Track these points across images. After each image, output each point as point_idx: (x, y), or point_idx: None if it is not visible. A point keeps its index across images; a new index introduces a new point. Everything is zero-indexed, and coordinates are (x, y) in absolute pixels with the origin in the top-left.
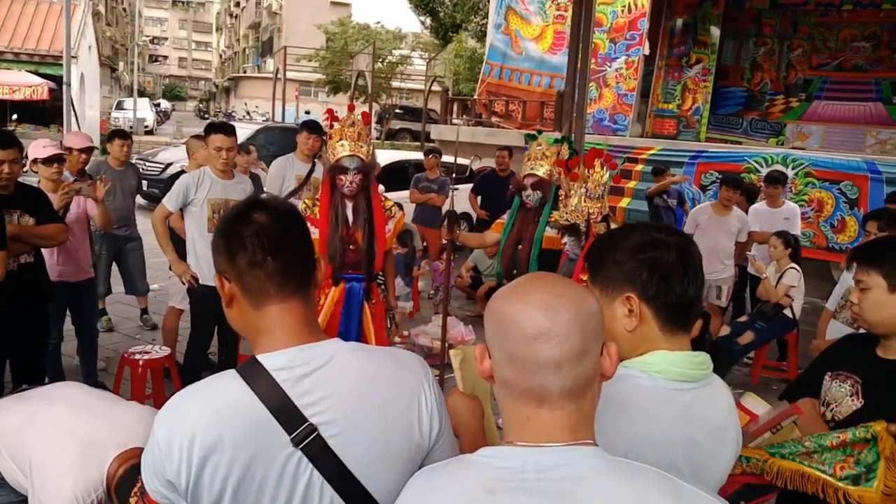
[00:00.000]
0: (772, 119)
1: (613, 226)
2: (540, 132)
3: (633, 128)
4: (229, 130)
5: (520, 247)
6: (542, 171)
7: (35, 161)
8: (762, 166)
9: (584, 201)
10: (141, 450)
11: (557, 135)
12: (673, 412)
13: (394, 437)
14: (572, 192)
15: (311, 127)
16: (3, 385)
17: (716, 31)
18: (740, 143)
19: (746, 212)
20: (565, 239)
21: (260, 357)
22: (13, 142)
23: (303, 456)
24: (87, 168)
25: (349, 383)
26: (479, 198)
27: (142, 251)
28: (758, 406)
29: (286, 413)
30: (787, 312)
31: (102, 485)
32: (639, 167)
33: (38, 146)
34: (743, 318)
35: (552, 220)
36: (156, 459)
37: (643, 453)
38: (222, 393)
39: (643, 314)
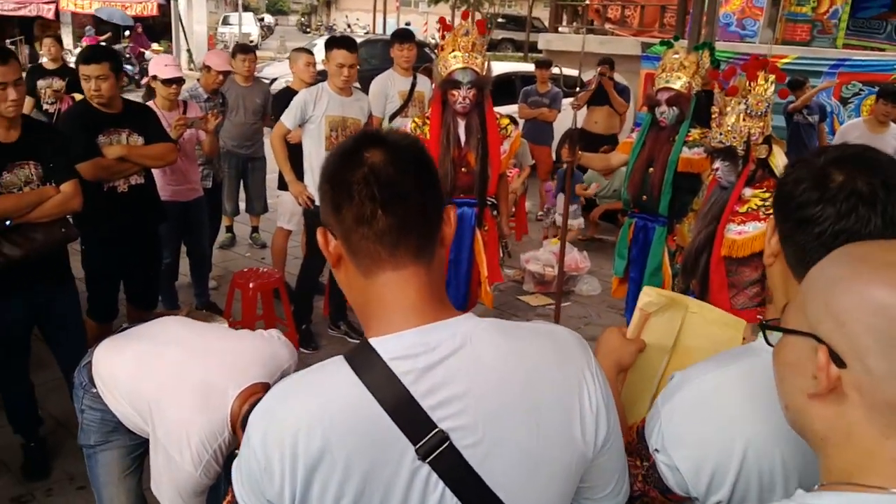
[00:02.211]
0: None
1: (776, 148)
2: (677, 38)
3: (763, 33)
4: (351, 46)
5: (651, 170)
6: (679, 85)
7: (154, 78)
8: None
9: (744, 119)
10: (262, 384)
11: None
12: None
13: (548, 446)
14: (729, 108)
15: (402, 36)
16: (117, 307)
17: None
18: (883, 49)
19: None
20: (717, 163)
21: (373, 342)
22: (102, 57)
23: (431, 471)
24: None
25: (489, 376)
26: None
27: (264, 172)
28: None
29: (410, 416)
30: None
31: (227, 427)
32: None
33: (160, 63)
34: None
35: (690, 139)
36: (252, 472)
37: None
38: (329, 388)
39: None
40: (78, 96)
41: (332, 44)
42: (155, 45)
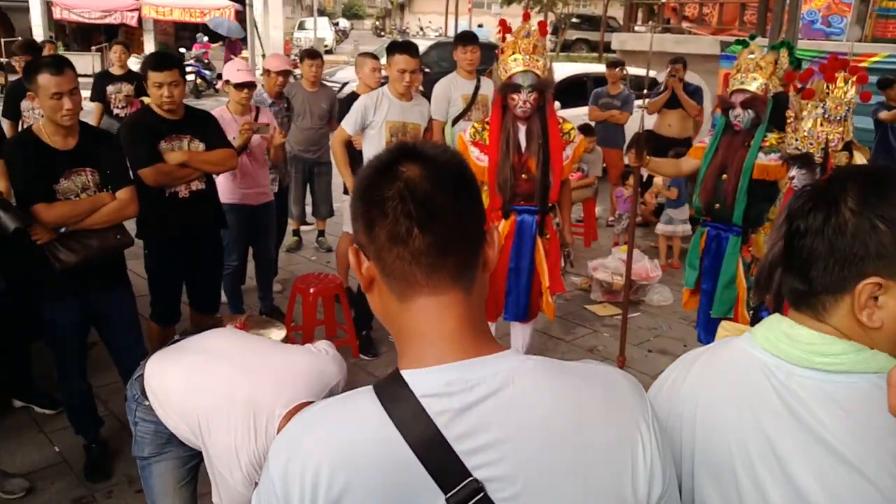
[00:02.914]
0: None
1: (858, 155)
2: (753, 36)
3: (850, 31)
4: (413, 51)
5: (724, 176)
6: (754, 86)
7: (227, 82)
8: None
9: (821, 124)
10: (308, 403)
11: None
12: None
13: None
14: (805, 112)
15: (465, 38)
16: (179, 312)
17: None
18: None
19: None
20: (793, 171)
21: (406, 374)
22: (172, 63)
23: None
24: (284, 90)
25: (533, 422)
26: None
27: (330, 176)
28: None
29: (441, 462)
30: None
31: None
32: None
33: (232, 69)
34: None
35: (767, 144)
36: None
37: None
38: (354, 423)
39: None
40: (147, 100)
41: (393, 49)
42: (245, 52)
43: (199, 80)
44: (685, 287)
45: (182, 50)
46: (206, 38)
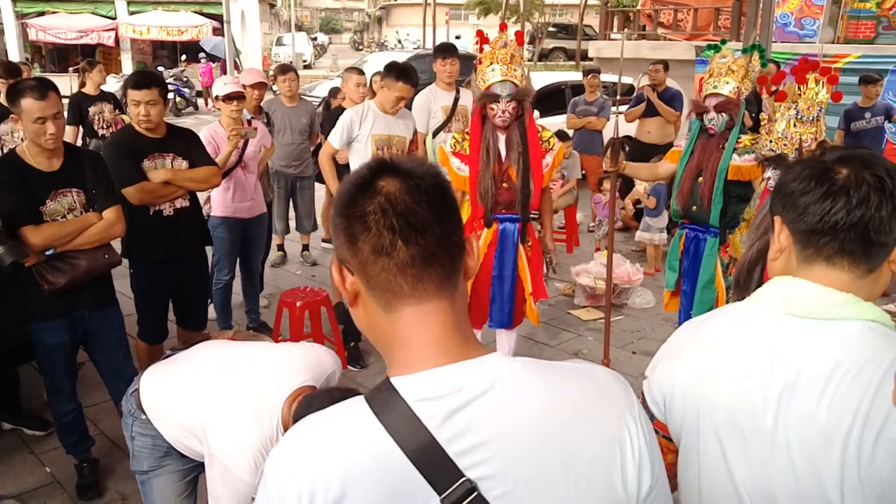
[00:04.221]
0: None
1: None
2: (724, 41)
3: (823, 33)
4: (414, 80)
5: (700, 179)
6: (727, 90)
7: (217, 98)
8: None
9: (795, 125)
10: (308, 387)
11: (738, 45)
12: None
13: (586, 498)
14: (778, 114)
15: (445, 50)
16: (167, 328)
17: None
18: None
19: None
20: (769, 172)
21: (395, 381)
22: (151, 82)
23: None
24: (262, 104)
25: (521, 421)
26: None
27: (313, 190)
28: None
29: (434, 464)
30: None
31: (280, 432)
32: None
33: (220, 83)
34: None
35: (741, 146)
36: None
37: None
38: (347, 433)
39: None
40: (127, 118)
41: (392, 72)
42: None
43: (178, 99)
44: (666, 289)
45: (160, 68)
46: (206, 58)
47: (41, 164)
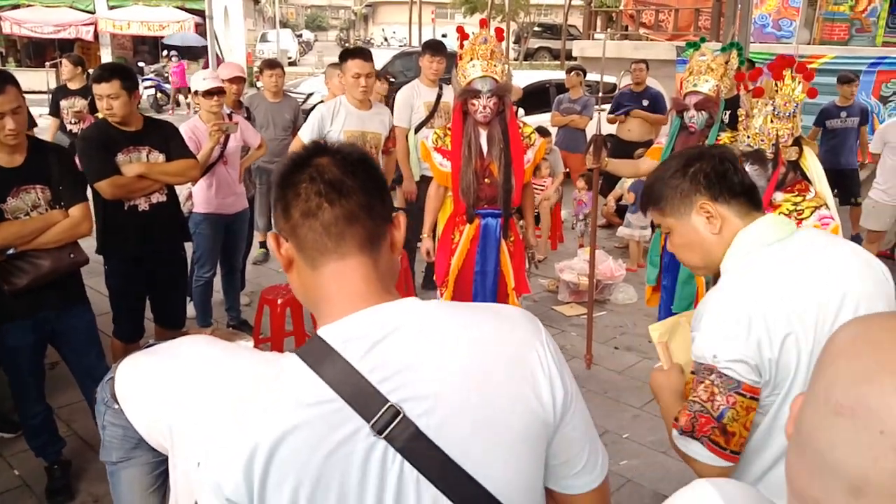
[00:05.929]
0: None
1: (807, 150)
2: (703, 39)
3: (800, 34)
4: (366, 55)
5: None
6: (707, 88)
7: (196, 93)
8: None
9: (772, 121)
10: None
11: (718, 45)
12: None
13: (504, 411)
14: (755, 110)
15: (433, 47)
16: (143, 326)
17: None
18: None
19: None
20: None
21: (321, 331)
22: (112, 75)
23: (388, 446)
24: (242, 99)
25: (434, 346)
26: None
27: None
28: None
29: (360, 394)
30: None
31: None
32: None
33: (198, 78)
34: None
35: (720, 143)
36: (211, 475)
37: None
38: (280, 382)
39: (721, 214)
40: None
41: (346, 55)
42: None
43: (159, 94)
44: (647, 284)
45: (141, 64)
46: (178, 57)
47: (2, 159)
